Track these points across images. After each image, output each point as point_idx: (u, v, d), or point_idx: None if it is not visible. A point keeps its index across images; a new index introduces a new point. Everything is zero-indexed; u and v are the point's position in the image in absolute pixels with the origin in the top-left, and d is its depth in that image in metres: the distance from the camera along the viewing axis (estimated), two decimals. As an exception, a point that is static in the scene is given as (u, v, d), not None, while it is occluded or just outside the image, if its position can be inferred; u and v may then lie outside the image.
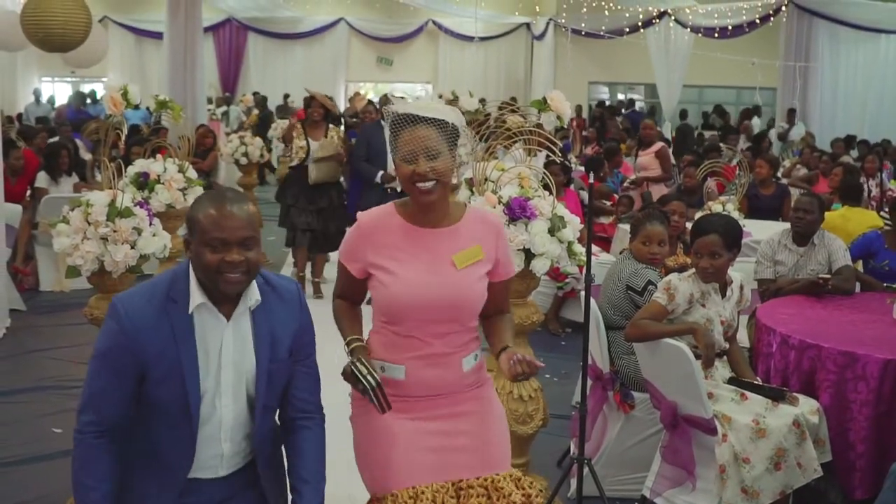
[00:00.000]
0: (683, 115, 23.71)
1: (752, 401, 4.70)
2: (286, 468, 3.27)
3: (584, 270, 4.56)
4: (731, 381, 4.87)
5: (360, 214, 3.39)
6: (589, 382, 5.42)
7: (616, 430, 5.26)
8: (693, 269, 4.95)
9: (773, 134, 19.47)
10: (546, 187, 8.05)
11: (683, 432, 4.67)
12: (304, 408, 3.27)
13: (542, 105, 5.29)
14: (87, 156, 12.73)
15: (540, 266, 4.70)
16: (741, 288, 5.07)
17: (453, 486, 3.27)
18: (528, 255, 4.70)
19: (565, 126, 5.31)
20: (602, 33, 23.21)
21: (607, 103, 26.31)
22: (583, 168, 12.62)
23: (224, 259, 2.93)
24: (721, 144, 14.33)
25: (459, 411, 3.35)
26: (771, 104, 22.28)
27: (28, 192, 10.32)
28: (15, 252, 9.65)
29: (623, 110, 21.64)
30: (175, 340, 2.96)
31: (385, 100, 9.21)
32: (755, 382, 4.88)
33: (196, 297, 3.00)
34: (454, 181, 3.28)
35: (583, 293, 4.79)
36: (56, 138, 13.32)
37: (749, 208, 10.21)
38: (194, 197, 7.43)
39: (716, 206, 8.96)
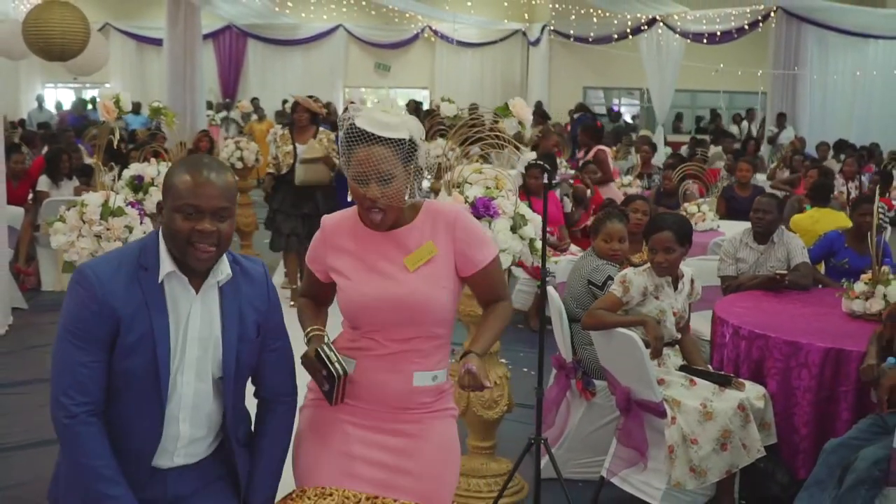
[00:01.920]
0: (679, 118, 24.13)
1: (700, 386, 5.03)
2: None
3: (541, 266, 4.88)
4: (681, 369, 5.20)
5: (324, 218, 3.37)
6: (553, 371, 5.79)
7: (578, 416, 5.59)
8: (647, 264, 5.30)
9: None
10: (527, 189, 8.42)
11: (636, 416, 5.01)
12: (277, 390, 3.21)
13: (505, 111, 5.60)
14: (89, 160, 13.07)
15: (502, 261, 5.02)
16: (692, 282, 5.42)
17: (367, 499, 3.14)
18: (492, 251, 5.01)
19: (526, 131, 5.61)
20: (590, 39, 23.52)
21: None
22: (573, 171, 12.90)
23: (195, 228, 2.82)
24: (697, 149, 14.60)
25: (401, 430, 3.22)
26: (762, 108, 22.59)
27: (30, 196, 10.65)
28: (17, 253, 9.99)
29: (574, 115, 21.76)
30: (147, 307, 2.85)
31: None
32: (704, 369, 5.22)
33: (166, 264, 2.89)
34: (408, 198, 3.16)
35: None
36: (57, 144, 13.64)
37: (727, 209, 10.56)
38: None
39: (691, 208, 9.32)
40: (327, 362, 3.09)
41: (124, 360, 2.85)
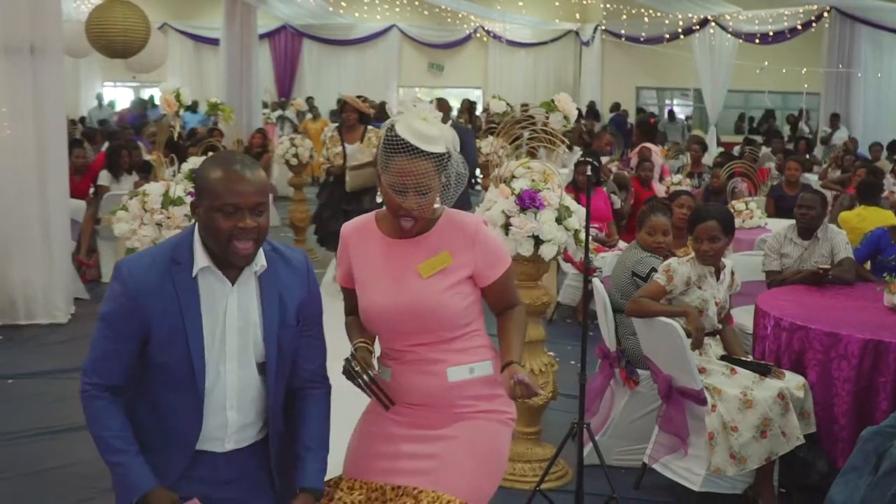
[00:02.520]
0: (741, 118, 24.13)
1: (740, 375, 5.15)
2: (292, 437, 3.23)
3: (584, 258, 5.02)
4: (722, 358, 5.32)
5: (343, 226, 3.43)
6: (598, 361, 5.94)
7: (622, 404, 5.73)
8: (692, 255, 5.42)
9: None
10: (576, 185, 8.56)
11: (677, 403, 5.14)
12: (310, 378, 3.22)
13: (551, 106, 5.76)
14: (148, 157, 13.38)
15: (547, 251, 5.17)
16: (732, 273, 5.54)
17: (393, 490, 3.18)
18: (537, 241, 5.17)
19: (571, 126, 5.74)
20: (641, 39, 23.53)
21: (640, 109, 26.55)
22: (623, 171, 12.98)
23: (237, 225, 2.86)
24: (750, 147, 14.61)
25: (442, 430, 3.23)
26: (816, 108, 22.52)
27: (91, 190, 10.95)
28: (79, 245, 10.31)
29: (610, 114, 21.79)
30: (178, 302, 2.92)
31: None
32: (744, 359, 5.34)
33: (201, 259, 2.94)
34: (436, 206, 3.24)
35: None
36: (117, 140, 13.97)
37: (776, 208, 10.62)
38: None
39: (739, 206, 9.40)
40: (353, 374, 3.18)
41: (159, 353, 2.95)
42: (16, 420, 6.43)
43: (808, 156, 16.65)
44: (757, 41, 21.06)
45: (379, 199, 3.30)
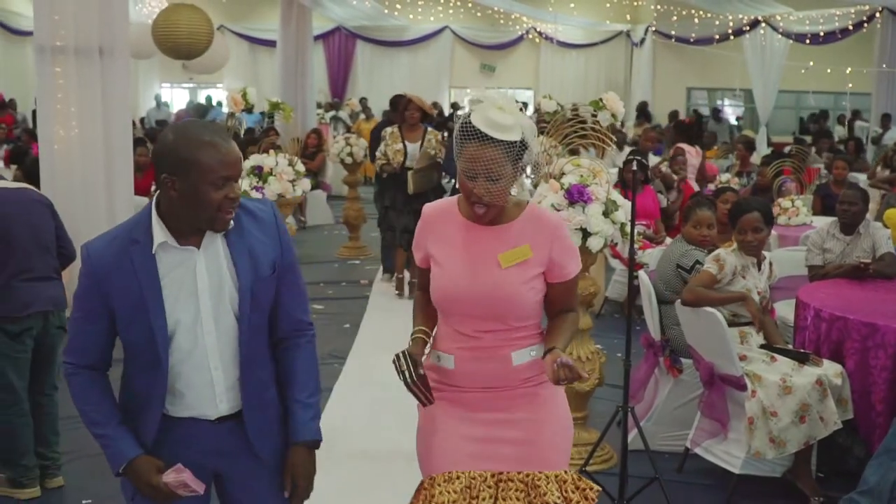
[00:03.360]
0: (801, 120, 24.19)
1: (780, 362, 5.37)
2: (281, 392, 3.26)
3: (629, 252, 5.25)
4: (763, 347, 5.54)
5: (425, 206, 3.52)
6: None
7: (666, 392, 5.96)
8: (734, 246, 5.65)
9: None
10: (624, 183, 8.78)
11: (718, 389, 5.37)
12: (296, 325, 3.24)
13: (599, 105, 6.00)
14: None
15: (595, 244, 5.41)
16: (770, 265, 5.76)
17: (492, 476, 3.30)
18: (585, 234, 5.41)
19: (619, 123, 5.96)
20: (691, 40, 23.61)
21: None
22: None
23: (227, 196, 2.92)
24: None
25: (509, 406, 3.36)
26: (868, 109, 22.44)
27: (153, 187, 11.27)
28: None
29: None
30: (137, 279, 2.95)
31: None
32: (784, 347, 5.55)
33: (159, 236, 2.97)
34: (514, 192, 3.30)
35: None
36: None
37: (822, 206, 10.77)
38: (301, 189, 8.35)
39: (785, 203, 9.58)
40: (398, 370, 3.24)
41: (124, 331, 3.03)
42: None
43: (858, 156, 16.69)
44: (808, 42, 21.06)
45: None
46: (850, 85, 21.16)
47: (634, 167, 5.09)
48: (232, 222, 3.01)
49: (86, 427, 3.10)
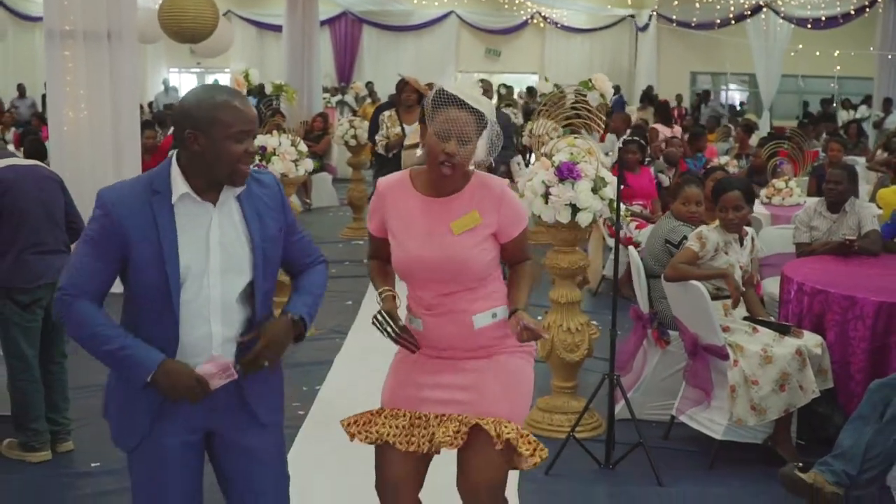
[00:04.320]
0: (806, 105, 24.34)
1: (762, 333, 5.58)
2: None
3: (615, 227, 5.45)
4: (745, 319, 5.74)
5: (379, 180, 3.77)
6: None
7: (654, 363, 6.17)
8: (717, 223, 5.84)
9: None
10: (622, 163, 8.99)
11: (702, 359, 5.58)
12: (308, 262, 3.51)
13: (588, 85, 6.19)
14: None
15: (584, 219, 5.60)
16: (753, 240, 5.95)
17: (435, 417, 3.59)
18: (574, 209, 5.61)
19: (609, 103, 6.16)
20: (692, 24, 23.71)
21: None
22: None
23: (247, 150, 3.13)
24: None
25: (472, 364, 3.62)
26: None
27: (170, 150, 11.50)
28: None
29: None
30: (157, 227, 3.09)
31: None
32: (766, 319, 5.75)
33: (180, 187, 3.13)
34: (471, 167, 3.59)
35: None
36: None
37: (817, 187, 10.93)
38: (303, 169, 8.55)
39: (779, 184, 9.77)
40: (380, 329, 3.54)
41: (138, 274, 3.12)
42: (96, 374, 6.95)
43: (859, 140, 16.83)
44: (809, 26, 21.17)
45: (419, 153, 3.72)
46: (839, 68, 21.24)
47: (622, 146, 5.27)
48: (244, 185, 3.21)
49: (95, 350, 3.11)
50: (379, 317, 3.54)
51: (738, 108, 26.44)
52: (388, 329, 3.52)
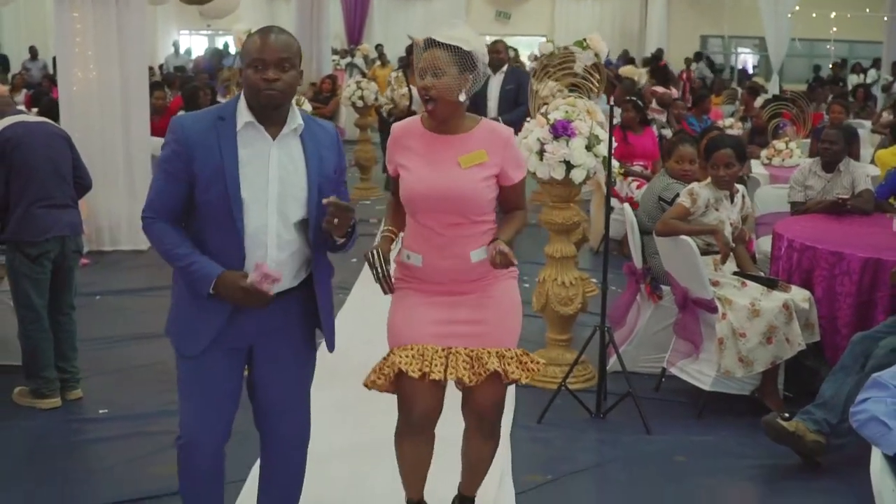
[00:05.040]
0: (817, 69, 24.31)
1: (750, 287, 5.72)
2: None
3: (606, 187, 5.59)
4: (735, 273, 5.88)
5: (394, 125, 4.02)
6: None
7: (646, 317, 6.31)
8: (708, 180, 5.97)
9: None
10: (622, 124, 9.12)
11: (692, 311, 5.73)
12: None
13: (583, 45, 6.30)
14: (222, 100, 14.06)
15: (577, 175, 5.74)
16: (743, 197, 6.09)
17: (443, 350, 3.84)
18: (569, 166, 5.75)
19: (602, 62, 6.27)
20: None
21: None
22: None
23: (263, 77, 3.36)
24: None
25: (465, 293, 3.88)
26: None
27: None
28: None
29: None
30: (220, 150, 3.40)
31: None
32: (754, 274, 5.90)
33: (244, 115, 3.45)
34: (461, 98, 3.74)
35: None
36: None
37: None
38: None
39: (779, 145, 9.89)
40: (370, 265, 3.74)
41: (204, 193, 3.43)
42: (103, 328, 7.18)
43: (866, 104, 16.88)
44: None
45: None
46: (834, 28, 21.16)
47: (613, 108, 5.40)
48: (301, 123, 3.53)
49: (170, 264, 3.51)
50: (374, 254, 3.74)
51: (751, 71, 26.41)
52: (378, 268, 3.73)
